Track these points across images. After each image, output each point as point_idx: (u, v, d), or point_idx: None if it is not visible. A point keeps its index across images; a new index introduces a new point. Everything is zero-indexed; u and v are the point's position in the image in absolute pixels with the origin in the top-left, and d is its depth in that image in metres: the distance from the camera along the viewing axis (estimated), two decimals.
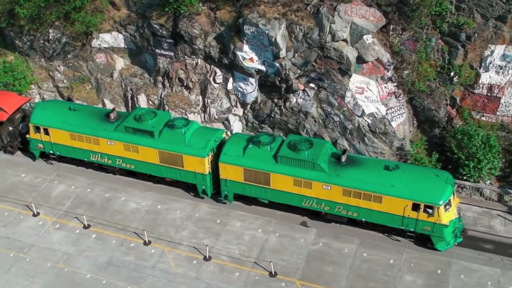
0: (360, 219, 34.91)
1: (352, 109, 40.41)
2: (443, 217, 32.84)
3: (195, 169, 37.39)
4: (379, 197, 33.34)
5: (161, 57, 44.51)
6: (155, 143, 37.77)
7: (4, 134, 42.91)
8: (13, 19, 46.84)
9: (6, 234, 36.80)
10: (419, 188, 32.93)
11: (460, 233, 33.98)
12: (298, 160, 34.52)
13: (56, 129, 40.21)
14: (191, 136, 37.34)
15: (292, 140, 35.71)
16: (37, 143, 41.63)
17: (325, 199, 34.79)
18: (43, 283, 33.56)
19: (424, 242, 34.39)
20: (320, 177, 34.30)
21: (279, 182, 35.41)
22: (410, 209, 33.04)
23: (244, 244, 35.18)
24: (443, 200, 32.60)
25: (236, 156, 35.92)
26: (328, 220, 36.22)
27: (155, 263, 34.36)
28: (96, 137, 39.12)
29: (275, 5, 39.99)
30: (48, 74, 48.50)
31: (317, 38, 38.98)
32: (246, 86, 42.69)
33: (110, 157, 39.69)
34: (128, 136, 38.45)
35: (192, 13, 41.86)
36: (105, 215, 37.74)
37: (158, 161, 38.29)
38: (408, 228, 33.96)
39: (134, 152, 38.65)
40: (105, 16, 45.30)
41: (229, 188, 37.21)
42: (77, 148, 40.33)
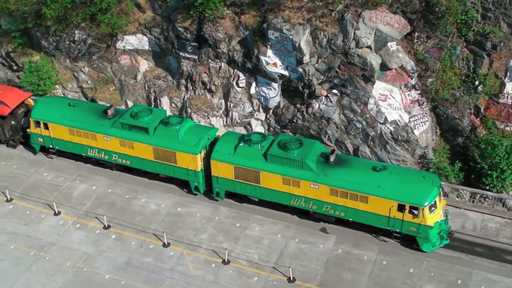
0: (348, 219, 35.14)
1: (374, 116, 40.20)
2: (428, 219, 32.91)
3: (188, 166, 37.92)
4: (365, 197, 33.61)
5: (185, 60, 44.68)
6: (150, 139, 38.43)
7: (6, 128, 43.74)
8: (40, 20, 47.35)
9: (27, 233, 37.11)
10: (405, 189, 33.12)
11: (447, 235, 34.04)
12: (287, 159, 34.91)
13: (55, 124, 41.03)
14: (184, 134, 37.89)
15: (282, 139, 36.07)
16: (37, 138, 42.45)
17: (313, 198, 35.12)
18: (62, 282, 33.75)
19: (411, 243, 34.45)
20: (308, 176, 34.64)
21: (269, 181, 35.81)
22: (396, 209, 33.24)
23: (263, 248, 35.09)
24: (428, 202, 32.72)
25: (227, 154, 36.40)
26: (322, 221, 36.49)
27: (173, 265, 34.40)
28: (94, 132, 39.89)
29: (300, 11, 39.95)
30: (72, 74, 48.94)
31: (341, 44, 38.86)
32: (269, 91, 42.67)
33: (107, 152, 40.39)
34: (124, 132, 39.14)
35: (217, 17, 41.98)
36: (125, 216, 37.89)
37: (153, 157, 38.89)
38: (394, 228, 34.13)
39: (130, 148, 39.30)
40: (130, 18, 45.60)
41: (221, 186, 37.66)
42: (75, 143, 41.12)
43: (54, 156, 43.20)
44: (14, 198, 39.74)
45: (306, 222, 36.68)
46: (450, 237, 34.28)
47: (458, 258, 33.81)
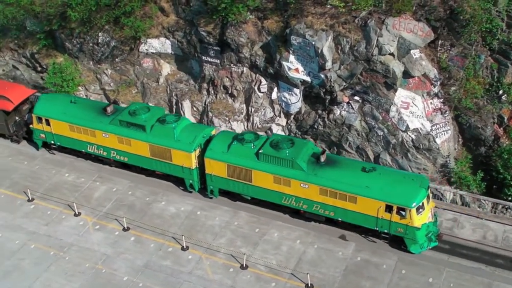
0: (337, 218, 35.29)
1: (396, 124, 39.98)
2: (415, 220, 32.93)
3: (183, 163, 38.36)
4: (354, 198, 33.76)
5: (207, 64, 44.81)
6: (146, 137, 38.86)
7: (10, 124, 44.50)
8: (64, 22, 47.81)
9: (47, 232, 37.37)
10: (393, 190, 33.18)
11: (435, 237, 34.10)
12: (278, 158, 35.18)
13: (56, 120, 41.68)
14: (180, 132, 38.32)
15: (275, 139, 36.33)
16: (40, 133, 43.16)
17: (303, 197, 35.36)
18: (81, 282, 33.91)
19: (399, 244, 34.51)
20: (299, 176, 34.84)
21: (260, 179, 36.10)
22: (384, 210, 33.35)
23: (282, 254, 34.97)
24: (416, 203, 32.71)
25: (221, 152, 36.76)
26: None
27: (192, 269, 34.41)
28: (93, 129, 40.46)
29: (323, 17, 39.90)
30: (95, 76, 49.32)
31: (364, 51, 38.73)
32: (291, 97, 42.63)
33: (105, 149, 40.95)
34: (121, 129, 39.64)
35: (240, 21, 42.08)
36: (145, 218, 38.00)
37: (149, 155, 39.36)
38: (382, 229, 34.22)
39: (127, 145, 39.83)
40: (153, 21, 45.88)
41: (214, 183, 38.00)
42: (75, 139, 41.76)
43: (75, 157, 43.57)
44: (36, 198, 40.07)
45: (325, 228, 36.50)
46: (439, 239, 34.38)
47: (479, 269, 33.39)
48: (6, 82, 48.42)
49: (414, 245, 33.87)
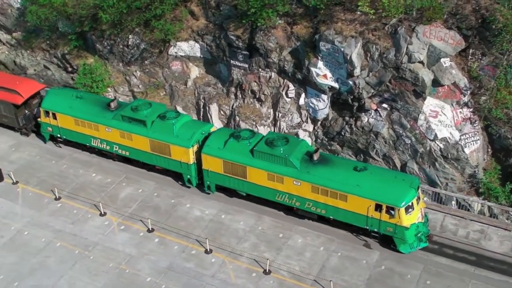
0: (328, 216, 35.78)
1: (424, 133, 39.59)
2: (404, 219, 33.28)
3: (181, 158, 39.30)
4: (344, 196, 34.25)
5: (235, 68, 44.91)
6: (147, 132, 39.91)
7: (20, 117, 45.83)
8: (95, 24, 48.32)
9: (73, 231, 37.72)
10: (383, 190, 33.62)
11: (426, 237, 34.39)
12: (272, 155, 35.85)
13: (62, 114, 42.96)
14: (179, 128, 39.31)
15: (270, 136, 37.11)
16: (47, 127, 44.53)
17: (295, 194, 35.94)
18: (105, 282, 34.14)
19: (389, 243, 34.90)
20: (291, 173, 35.48)
21: (255, 176, 36.79)
22: (373, 209, 33.75)
23: (305, 260, 34.81)
24: (405, 202, 33.08)
25: (217, 149, 37.56)
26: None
27: (214, 272, 34.42)
28: (96, 123, 41.69)
29: (353, 23, 39.74)
30: (124, 78, 49.72)
31: (393, 58, 38.46)
32: (318, 102, 42.51)
33: (108, 143, 42.10)
34: (124, 124, 40.72)
35: (269, 26, 42.11)
36: (169, 220, 38.14)
37: (149, 149, 40.37)
38: (372, 228, 34.63)
39: (129, 140, 40.89)
40: (183, 25, 46.13)
41: (211, 179, 38.88)
42: (80, 133, 43.01)
43: (94, 155, 44.20)
44: (63, 197, 40.49)
45: (349, 236, 36.28)
46: (429, 239, 34.69)
47: (506, 282, 32.84)
48: (17, 77, 49.80)
49: (404, 245, 34.24)
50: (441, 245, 35.35)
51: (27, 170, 43.29)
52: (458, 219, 36.92)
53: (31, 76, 52.80)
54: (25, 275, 34.78)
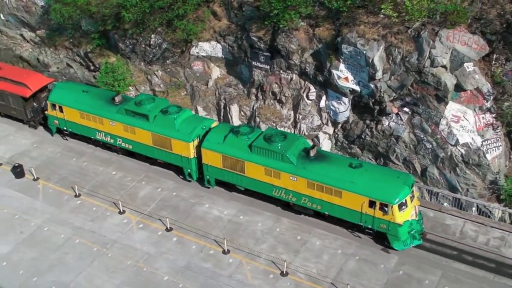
0: (324, 212, 36.25)
1: (445, 137, 39.28)
2: (397, 216, 33.65)
3: (182, 153, 40.00)
4: (339, 192, 34.72)
5: (256, 69, 44.91)
6: (149, 126, 40.68)
7: (28, 110, 47.01)
8: (118, 23, 48.61)
9: (92, 228, 37.94)
10: (377, 186, 34.02)
11: (419, 235, 34.71)
12: (270, 151, 36.43)
13: (68, 107, 43.94)
14: (181, 122, 40.02)
15: (269, 132, 37.68)
16: (54, 120, 45.59)
17: (292, 190, 36.48)
18: (122, 279, 34.28)
19: (383, 240, 35.27)
20: (288, 169, 36.01)
21: (253, 171, 37.40)
22: (367, 206, 34.18)
23: (323, 263, 34.69)
24: (398, 199, 33.43)
25: (217, 143, 38.24)
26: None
27: (232, 273, 34.42)
28: (101, 117, 42.61)
29: (375, 26, 39.56)
30: (146, 77, 49.95)
31: (416, 62, 38.21)
32: (339, 105, 42.36)
33: (112, 136, 43.01)
34: (127, 118, 41.53)
35: (291, 28, 42.06)
36: (188, 220, 38.22)
37: (151, 143, 41.12)
38: (366, 224, 35.03)
39: (132, 133, 41.70)
40: (205, 25, 46.23)
41: (210, 173, 39.56)
42: (85, 126, 43.94)
43: (122, 156, 44.24)
44: (82, 194, 40.76)
45: (368, 240, 36.10)
46: (423, 237, 35.00)
47: None
48: (26, 70, 50.92)
49: (397, 242, 34.57)
50: (461, 251, 35.05)
51: (48, 166, 43.66)
52: (478, 226, 36.57)
53: (54, 74, 53.26)
54: (44, 271, 35.06)
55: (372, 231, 35.49)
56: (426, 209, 38.07)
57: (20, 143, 46.53)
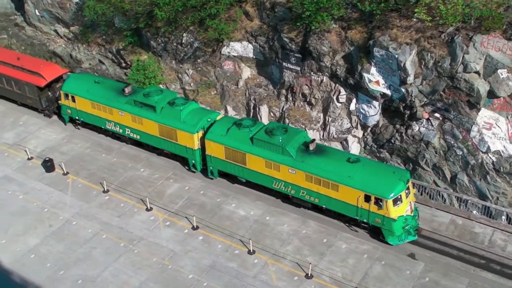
0: (321, 205, 37.22)
1: (477, 144, 38.76)
2: (392, 211, 34.43)
3: (186, 144, 41.45)
4: (336, 185, 35.65)
5: (287, 70, 44.82)
6: (156, 117, 42.16)
7: (43, 99, 49.14)
8: (151, 21, 48.86)
9: (119, 224, 38.27)
10: (372, 181, 34.87)
11: (414, 231, 35.46)
12: (270, 144, 37.52)
13: (80, 97, 45.74)
14: (187, 114, 41.43)
15: (270, 126, 38.90)
16: (66, 109, 47.47)
17: (291, 182, 37.53)
18: (147, 276, 34.52)
19: (378, 234, 36.20)
20: (287, 161, 37.09)
21: (253, 163, 38.55)
22: (363, 200, 35.04)
23: (348, 267, 34.54)
24: (393, 194, 34.25)
25: (220, 135, 39.51)
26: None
27: (256, 273, 34.43)
28: (110, 107, 44.26)
29: (408, 30, 39.20)
30: (177, 76, 50.17)
31: (448, 67, 37.77)
32: (369, 109, 42.08)
33: (121, 126, 44.65)
34: (135, 108, 43.08)
35: (323, 30, 41.86)
36: (214, 219, 38.34)
37: (158, 134, 42.60)
38: (362, 218, 35.93)
39: (139, 124, 43.24)
40: (237, 25, 46.25)
41: (213, 164, 40.90)
42: (96, 116, 45.69)
43: (151, 153, 44.61)
44: (111, 190, 41.15)
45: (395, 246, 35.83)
46: (418, 233, 35.77)
47: None
48: (42, 61, 52.74)
49: (392, 237, 35.36)
50: (489, 260, 34.62)
51: (77, 161, 44.18)
52: (508, 235, 36.11)
53: (86, 70, 53.80)
54: (71, 265, 35.48)
55: (368, 225, 36.40)
56: (455, 216, 37.72)
57: (51, 137, 47.19)
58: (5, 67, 50.15)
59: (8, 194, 41.30)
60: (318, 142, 39.16)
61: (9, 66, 50.06)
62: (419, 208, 38.32)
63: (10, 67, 49.94)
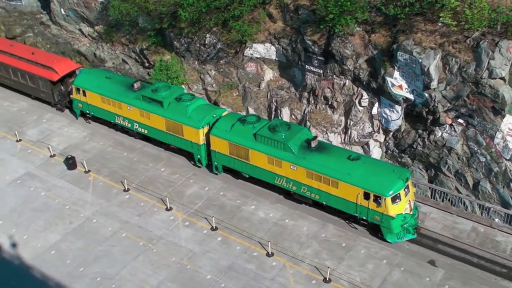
0: (322, 202, 37.56)
1: (500, 151, 38.29)
2: (390, 209, 34.66)
3: (192, 139, 42.05)
4: (336, 182, 35.99)
5: (309, 73, 44.70)
6: (163, 112, 42.83)
7: (55, 93, 50.24)
8: (174, 21, 49.06)
9: (139, 223, 38.41)
10: (372, 179, 35.12)
11: (413, 229, 35.81)
12: (273, 140, 37.99)
13: (91, 92, 46.57)
14: (193, 110, 42.03)
15: (274, 123, 39.41)
16: (78, 103, 48.39)
17: (292, 178, 37.93)
18: (166, 276, 34.59)
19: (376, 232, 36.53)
20: (289, 158, 37.52)
21: (256, 159, 39.07)
22: (362, 197, 35.31)
23: (367, 272, 34.29)
24: (392, 192, 34.51)
25: (224, 131, 40.10)
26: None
27: (274, 275, 34.33)
28: (119, 102, 44.95)
29: (433, 35, 38.88)
30: (199, 76, 50.29)
31: (473, 73, 37.38)
32: (391, 113, 41.79)
33: (130, 121, 45.37)
34: (143, 104, 43.76)
35: (347, 33, 41.69)
36: (233, 220, 38.32)
37: (165, 129, 43.26)
38: (361, 215, 36.19)
39: (147, 119, 43.94)
40: (261, 27, 46.25)
41: (218, 160, 41.51)
42: (105, 110, 46.47)
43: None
44: (131, 188, 41.33)
45: (415, 251, 35.52)
46: (417, 232, 36.17)
47: None
48: (56, 55, 53.55)
49: (390, 235, 35.62)
50: (510, 269, 34.17)
51: (99, 160, 44.46)
52: None
53: (109, 69, 54.15)
54: (90, 262, 35.68)
55: (367, 223, 36.68)
56: (476, 224, 37.29)
57: (73, 135, 47.58)
58: (20, 62, 51.25)
59: (30, 190, 41.70)
60: (320, 140, 39.67)
61: (24, 60, 51.16)
62: (440, 214, 38.02)
63: (25, 62, 51.04)
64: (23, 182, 42.51)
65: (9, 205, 40.44)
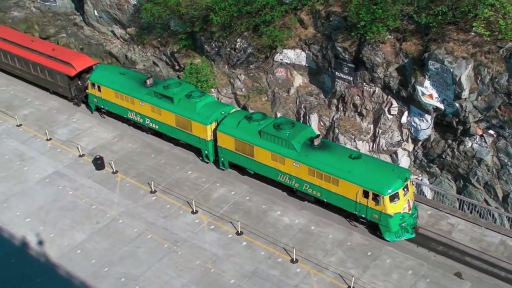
0: (323, 199, 38.19)
1: None
2: (388, 208, 35.06)
3: (200, 134, 42.97)
4: (336, 180, 36.56)
5: (339, 80, 44.52)
6: (174, 108, 43.80)
7: (72, 88, 51.51)
8: (206, 25, 49.29)
9: (164, 225, 38.56)
10: (371, 177, 35.61)
11: (412, 229, 36.04)
12: (277, 137, 38.78)
13: (106, 87, 47.81)
14: (202, 106, 42.95)
15: (278, 120, 40.35)
16: (93, 98, 49.67)
17: (295, 175, 38.64)
18: (189, 278, 34.66)
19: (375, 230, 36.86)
20: (292, 155, 38.25)
21: (261, 155, 39.84)
22: (361, 195, 35.79)
23: (391, 282, 33.95)
24: (391, 191, 34.92)
25: (231, 128, 40.93)
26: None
27: (298, 282, 34.18)
28: (132, 97, 46.08)
29: (465, 44, 38.47)
30: (228, 80, 50.41)
31: (505, 84, 36.88)
32: (421, 122, 41.41)
33: (142, 116, 46.42)
34: (155, 99, 44.84)
35: (378, 41, 41.47)
36: (259, 225, 38.27)
37: (175, 124, 44.20)
38: (360, 213, 36.65)
39: (158, 114, 44.95)
40: (292, 32, 46.22)
41: (224, 156, 42.40)
42: (119, 105, 47.63)
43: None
44: (158, 190, 41.53)
45: (441, 263, 35.09)
46: (416, 231, 36.36)
47: None
48: (74, 51, 55.30)
49: (389, 233, 36.04)
50: None
51: (127, 161, 44.78)
52: None
53: (140, 71, 54.58)
54: (115, 262, 35.91)
55: (366, 221, 37.07)
56: (505, 237, 36.69)
57: (102, 136, 48.01)
58: (41, 57, 52.55)
59: (58, 189, 42.17)
60: (323, 138, 40.73)
61: (44, 56, 52.44)
62: (468, 225, 37.49)
63: (45, 57, 52.34)
64: (52, 181, 43.02)
65: (37, 203, 40.94)
